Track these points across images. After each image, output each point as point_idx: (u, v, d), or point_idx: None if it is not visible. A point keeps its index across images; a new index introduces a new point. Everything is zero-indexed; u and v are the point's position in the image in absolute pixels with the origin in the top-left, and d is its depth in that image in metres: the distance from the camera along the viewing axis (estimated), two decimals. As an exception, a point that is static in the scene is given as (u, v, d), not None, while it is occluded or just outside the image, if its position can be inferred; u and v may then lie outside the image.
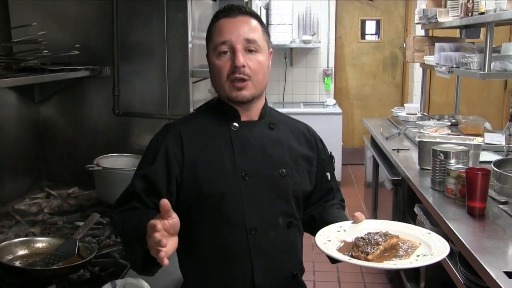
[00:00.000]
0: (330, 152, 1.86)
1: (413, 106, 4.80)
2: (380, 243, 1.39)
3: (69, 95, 2.73)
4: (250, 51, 1.59)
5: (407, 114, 4.62)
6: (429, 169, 2.76)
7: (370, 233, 1.45)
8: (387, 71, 7.25)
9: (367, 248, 1.37)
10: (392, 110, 4.94)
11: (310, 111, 6.23)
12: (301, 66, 6.94)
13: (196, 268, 1.56)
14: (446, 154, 2.59)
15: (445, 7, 4.23)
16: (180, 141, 1.59)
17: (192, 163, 1.58)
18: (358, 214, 1.58)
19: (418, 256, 1.40)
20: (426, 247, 1.44)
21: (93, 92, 2.71)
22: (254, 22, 1.63)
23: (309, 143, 1.76)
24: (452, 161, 2.58)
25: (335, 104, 6.52)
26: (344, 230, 1.54)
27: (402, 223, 1.62)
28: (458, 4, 3.84)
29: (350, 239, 1.47)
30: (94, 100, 2.72)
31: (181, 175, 1.57)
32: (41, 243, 1.88)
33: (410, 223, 3.16)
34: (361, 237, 1.43)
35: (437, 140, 3.06)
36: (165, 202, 1.25)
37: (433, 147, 2.70)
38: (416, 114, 4.60)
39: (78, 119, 2.74)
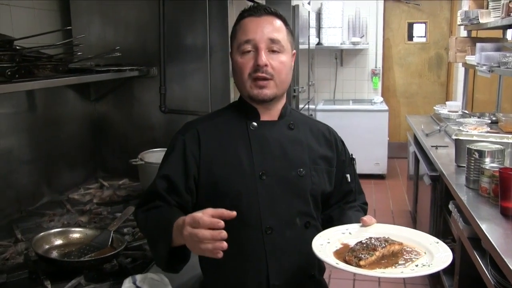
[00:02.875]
0: (351, 154, 1.64)
1: (455, 104, 4.44)
2: (377, 249, 1.18)
3: (122, 93, 2.64)
4: (273, 51, 1.42)
5: (448, 111, 4.29)
6: (465, 167, 2.48)
7: (371, 238, 1.24)
8: (433, 70, 6.83)
9: (361, 254, 1.16)
10: (434, 107, 4.61)
11: (358, 108, 5.99)
12: (351, 66, 6.66)
13: (214, 266, 1.41)
14: (481, 153, 2.32)
15: (487, 8, 3.87)
16: (198, 139, 1.44)
17: (209, 161, 1.43)
18: (366, 218, 1.37)
19: (416, 265, 1.18)
20: (429, 257, 1.22)
21: (142, 91, 2.61)
22: (278, 23, 1.46)
23: (329, 144, 1.56)
24: (487, 160, 2.30)
25: (382, 101, 6.21)
26: (350, 233, 1.34)
27: (412, 229, 1.39)
28: (500, 5, 3.48)
29: (352, 242, 1.27)
30: (143, 98, 2.62)
31: (198, 173, 1.42)
32: (78, 233, 1.78)
33: (447, 219, 2.96)
34: (361, 242, 1.23)
35: (474, 138, 2.77)
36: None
37: (468, 146, 2.42)
38: (457, 112, 4.26)
39: (129, 116, 2.65)
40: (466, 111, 4.45)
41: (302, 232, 1.45)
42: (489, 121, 3.78)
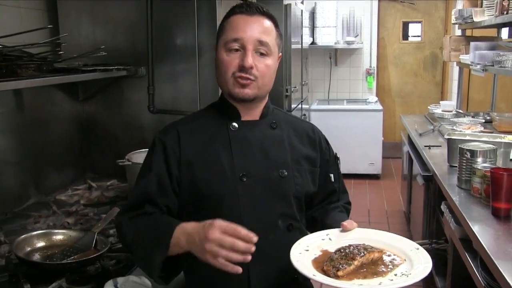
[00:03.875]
0: (336, 153, 1.61)
1: (449, 103, 4.43)
2: (356, 258, 1.16)
3: (110, 93, 2.62)
4: (260, 53, 1.40)
5: (442, 111, 4.27)
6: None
7: (351, 245, 1.21)
8: (428, 70, 6.81)
9: (339, 263, 1.13)
10: (428, 107, 4.59)
11: (352, 108, 5.97)
12: (345, 65, 6.64)
13: (196, 269, 1.38)
14: (473, 153, 2.29)
15: (481, 6, 3.85)
16: (178, 140, 1.41)
17: (189, 163, 1.40)
18: (347, 222, 1.34)
19: (395, 275, 1.15)
20: (409, 265, 1.19)
21: (131, 91, 2.59)
22: (269, 24, 1.43)
23: (312, 143, 1.53)
24: (479, 159, 2.28)
25: (376, 101, 6.20)
26: (330, 239, 1.31)
27: (393, 234, 1.35)
28: (494, 3, 3.46)
29: (333, 249, 1.24)
30: (132, 99, 2.60)
31: (179, 175, 1.39)
32: (61, 235, 1.75)
33: (440, 219, 2.94)
34: (339, 250, 1.20)
35: (467, 137, 2.74)
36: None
37: (459, 145, 2.40)
38: (451, 111, 4.24)
39: (118, 116, 2.63)
40: (460, 111, 4.43)
41: (284, 235, 1.42)
42: (483, 121, 3.76)
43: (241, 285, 1.39)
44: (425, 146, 3.32)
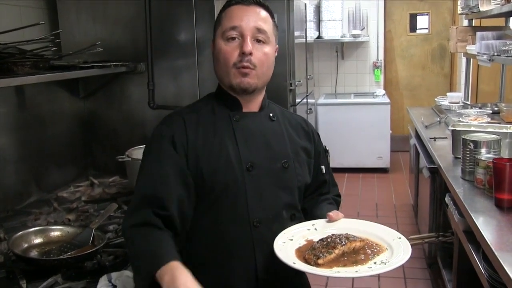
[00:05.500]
0: (325, 146, 1.62)
1: (456, 95, 4.37)
2: (337, 246, 1.15)
3: (111, 90, 2.63)
4: (258, 41, 1.40)
5: (449, 103, 4.22)
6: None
7: (333, 235, 1.22)
8: (436, 62, 6.74)
9: (320, 252, 1.13)
10: (435, 99, 4.54)
11: (360, 101, 5.93)
12: (352, 59, 6.59)
13: (199, 263, 1.37)
14: (476, 144, 2.26)
15: (487, -4, 3.79)
16: (185, 130, 1.38)
17: (196, 152, 1.37)
18: (333, 213, 1.34)
19: (375, 263, 1.15)
20: (389, 254, 1.19)
21: (132, 87, 2.60)
22: (265, 14, 1.44)
23: (307, 135, 1.54)
24: (483, 150, 2.24)
25: (384, 94, 6.14)
26: (315, 229, 1.32)
27: (378, 224, 1.35)
28: (500, -8, 3.40)
29: (317, 239, 1.24)
30: (133, 95, 2.60)
31: (186, 164, 1.36)
32: (58, 232, 1.75)
33: (446, 211, 2.91)
34: (321, 239, 1.20)
35: (472, 128, 2.71)
36: None
37: (463, 136, 2.37)
38: (458, 103, 4.19)
39: (119, 113, 2.64)
40: (467, 102, 4.38)
41: (288, 225, 1.42)
42: (491, 112, 3.71)
43: (249, 275, 1.38)
44: (430, 138, 3.28)
